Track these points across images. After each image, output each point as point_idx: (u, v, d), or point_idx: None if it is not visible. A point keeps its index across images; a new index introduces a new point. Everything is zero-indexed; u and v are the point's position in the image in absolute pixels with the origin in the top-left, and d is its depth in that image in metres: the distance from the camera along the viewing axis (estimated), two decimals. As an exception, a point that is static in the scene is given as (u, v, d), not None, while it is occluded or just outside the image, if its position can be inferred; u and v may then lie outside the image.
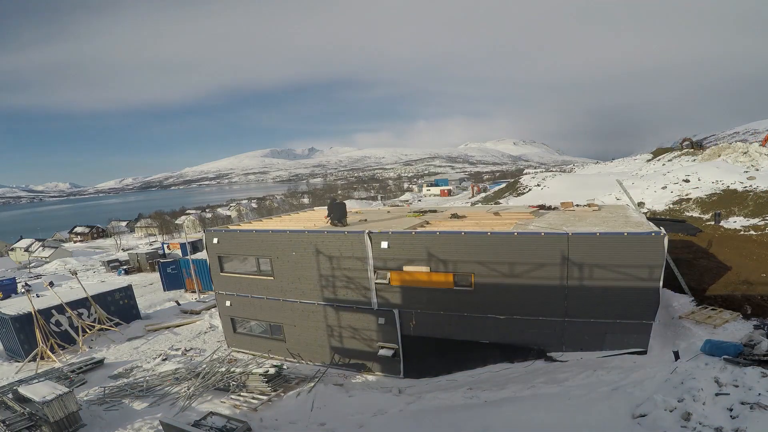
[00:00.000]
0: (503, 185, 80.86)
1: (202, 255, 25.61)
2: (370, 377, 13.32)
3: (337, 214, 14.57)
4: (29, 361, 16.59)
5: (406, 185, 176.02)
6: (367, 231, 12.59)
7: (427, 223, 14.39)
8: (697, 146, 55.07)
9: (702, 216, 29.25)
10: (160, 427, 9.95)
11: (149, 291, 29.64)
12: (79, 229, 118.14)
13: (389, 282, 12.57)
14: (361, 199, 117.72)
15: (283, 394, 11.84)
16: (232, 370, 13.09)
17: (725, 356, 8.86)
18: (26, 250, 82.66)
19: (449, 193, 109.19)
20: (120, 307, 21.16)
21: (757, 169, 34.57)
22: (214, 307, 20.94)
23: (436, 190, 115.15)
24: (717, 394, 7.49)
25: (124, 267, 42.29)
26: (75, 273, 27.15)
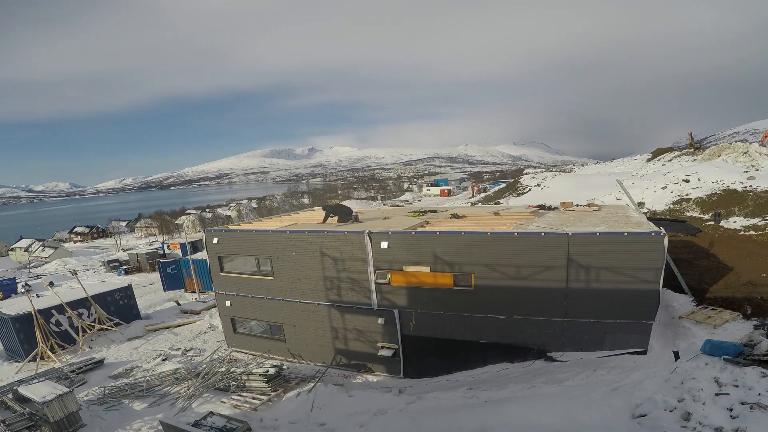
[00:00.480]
0: (503, 185, 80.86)
1: (202, 255, 25.62)
2: (370, 377, 13.32)
3: (344, 215, 15.18)
4: (29, 361, 16.59)
5: (406, 185, 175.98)
6: (367, 231, 12.59)
7: (427, 223, 14.40)
8: (696, 146, 55.21)
9: (702, 216, 29.25)
10: (160, 427, 9.95)
11: (149, 291, 29.64)
12: (79, 229, 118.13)
13: (389, 282, 12.57)
14: (361, 199, 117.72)
15: (283, 394, 11.84)
16: (232, 370, 13.08)
17: (725, 356, 8.86)
18: (26, 250, 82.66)
19: (449, 193, 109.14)
20: (120, 307, 21.15)
21: (757, 169, 34.58)
22: (214, 307, 20.93)
23: (436, 190, 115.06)
24: (717, 394, 7.48)
25: (124, 267, 42.29)
26: (75, 273, 27.15)
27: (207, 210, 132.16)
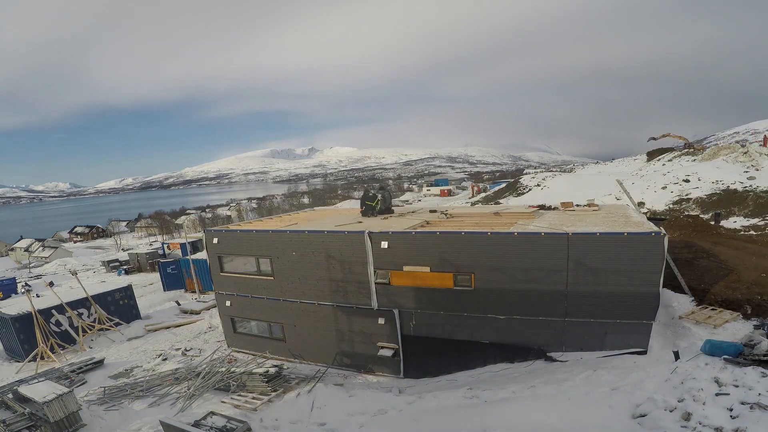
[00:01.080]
0: (503, 185, 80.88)
1: (202, 255, 25.62)
2: (370, 377, 13.32)
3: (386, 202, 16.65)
4: (29, 361, 16.59)
5: (406, 185, 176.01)
6: (367, 231, 12.59)
7: (428, 223, 14.41)
8: (689, 146, 55.35)
9: (702, 216, 29.28)
10: (160, 427, 9.94)
11: (149, 291, 29.65)
12: (79, 229, 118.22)
13: (389, 282, 12.57)
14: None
15: (283, 394, 11.83)
16: (232, 370, 13.09)
17: (725, 356, 8.86)
18: (26, 250, 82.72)
19: (449, 193, 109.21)
20: (120, 307, 21.17)
21: (757, 169, 34.60)
22: (214, 307, 20.93)
23: (436, 190, 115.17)
24: (717, 394, 7.49)
25: (124, 267, 42.33)
26: (75, 273, 27.16)
27: (207, 210, 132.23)
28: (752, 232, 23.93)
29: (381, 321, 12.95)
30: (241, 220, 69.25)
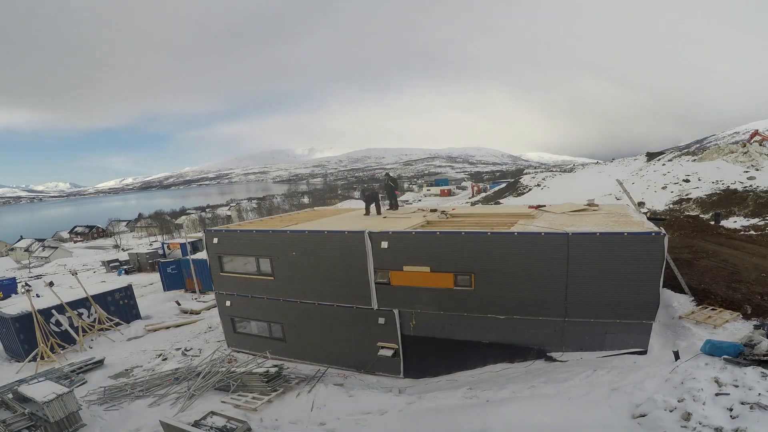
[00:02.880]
0: (503, 185, 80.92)
1: (202, 255, 25.62)
2: (370, 377, 13.32)
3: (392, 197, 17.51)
4: (29, 361, 16.59)
5: (406, 185, 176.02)
6: (367, 231, 12.59)
7: (428, 222, 14.42)
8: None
9: (702, 216, 29.28)
10: (160, 427, 9.95)
11: (149, 291, 29.62)
12: (79, 229, 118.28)
13: (389, 282, 12.58)
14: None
15: (283, 395, 11.83)
16: (232, 370, 13.09)
17: (725, 356, 8.86)
18: (26, 250, 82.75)
19: (449, 193, 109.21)
20: (120, 307, 21.16)
21: (757, 169, 34.61)
22: (214, 307, 20.94)
23: (436, 190, 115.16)
24: (717, 394, 7.49)
25: (124, 267, 42.31)
26: (75, 273, 27.12)
27: (207, 210, 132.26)
28: (752, 232, 23.92)
29: (381, 321, 12.95)
30: (241, 220, 69.28)
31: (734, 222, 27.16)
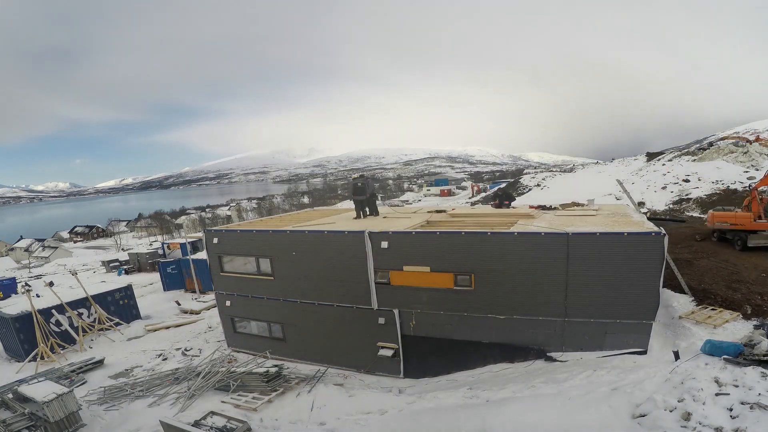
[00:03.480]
0: (503, 185, 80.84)
1: (202, 255, 25.62)
2: (370, 377, 13.32)
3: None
4: (29, 361, 16.59)
5: (406, 185, 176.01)
6: (367, 231, 12.59)
7: (428, 222, 14.42)
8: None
9: (702, 216, 29.29)
10: (160, 427, 9.95)
11: (149, 291, 29.61)
12: (79, 229, 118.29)
13: (389, 282, 12.58)
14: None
15: (283, 395, 11.84)
16: (232, 370, 13.09)
17: (725, 356, 8.86)
18: (26, 250, 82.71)
19: (449, 193, 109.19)
20: (120, 307, 21.16)
21: (757, 169, 34.59)
22: (214, 307, 20.94)
23: (436, 190, 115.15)
24: (717, 394, 7.48)
25: (124, 267, 42.28)
26: (75, 273, 27.12)
27: (207, 210, 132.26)
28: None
29: (381, 321, 12.95)
30: (241, 220, 69.28)
31: (734, 222, 27.12)
